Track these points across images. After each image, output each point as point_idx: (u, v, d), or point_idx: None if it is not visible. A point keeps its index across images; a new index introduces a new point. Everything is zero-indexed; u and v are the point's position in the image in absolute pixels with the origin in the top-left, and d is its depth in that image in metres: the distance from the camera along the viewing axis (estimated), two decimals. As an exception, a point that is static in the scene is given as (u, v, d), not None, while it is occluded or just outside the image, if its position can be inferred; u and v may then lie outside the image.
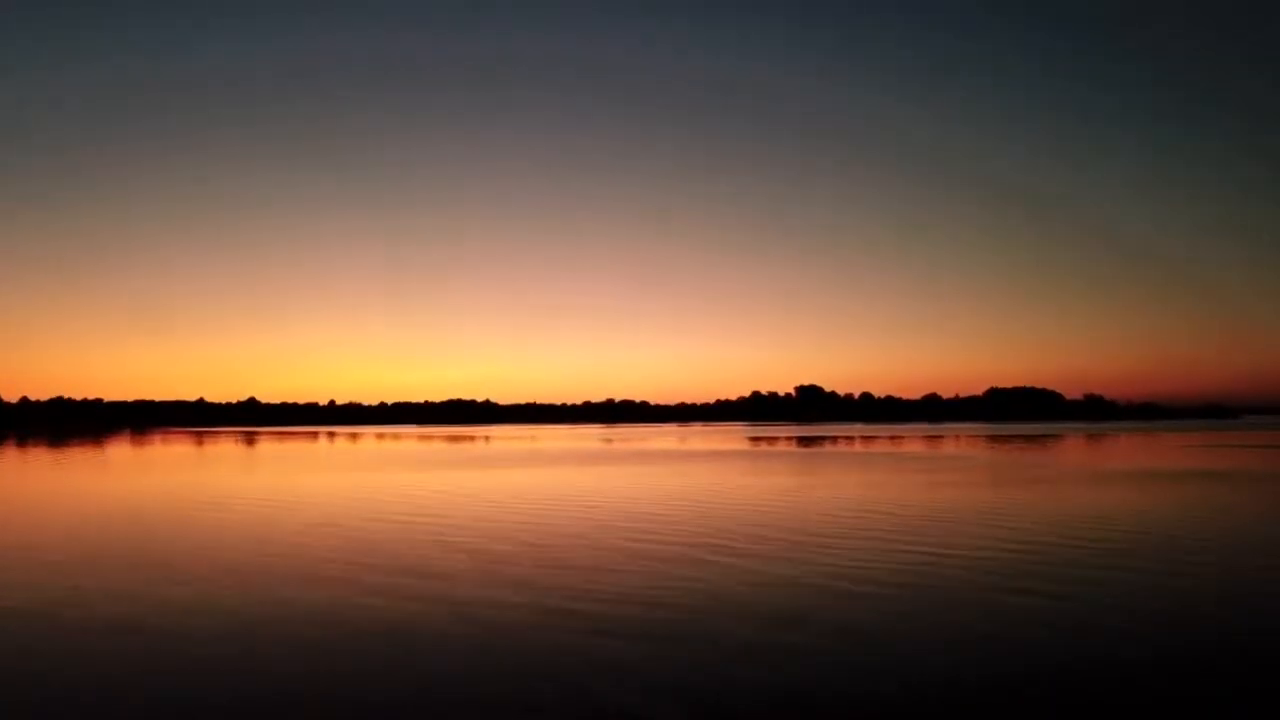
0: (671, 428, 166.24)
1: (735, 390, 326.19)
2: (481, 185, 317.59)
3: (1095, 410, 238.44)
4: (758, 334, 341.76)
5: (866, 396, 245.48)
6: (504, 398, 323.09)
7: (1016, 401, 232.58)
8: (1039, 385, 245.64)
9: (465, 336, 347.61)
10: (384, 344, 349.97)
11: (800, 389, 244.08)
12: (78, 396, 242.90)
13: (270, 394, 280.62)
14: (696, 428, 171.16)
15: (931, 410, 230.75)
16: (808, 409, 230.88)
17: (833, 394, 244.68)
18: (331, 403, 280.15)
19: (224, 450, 69.65)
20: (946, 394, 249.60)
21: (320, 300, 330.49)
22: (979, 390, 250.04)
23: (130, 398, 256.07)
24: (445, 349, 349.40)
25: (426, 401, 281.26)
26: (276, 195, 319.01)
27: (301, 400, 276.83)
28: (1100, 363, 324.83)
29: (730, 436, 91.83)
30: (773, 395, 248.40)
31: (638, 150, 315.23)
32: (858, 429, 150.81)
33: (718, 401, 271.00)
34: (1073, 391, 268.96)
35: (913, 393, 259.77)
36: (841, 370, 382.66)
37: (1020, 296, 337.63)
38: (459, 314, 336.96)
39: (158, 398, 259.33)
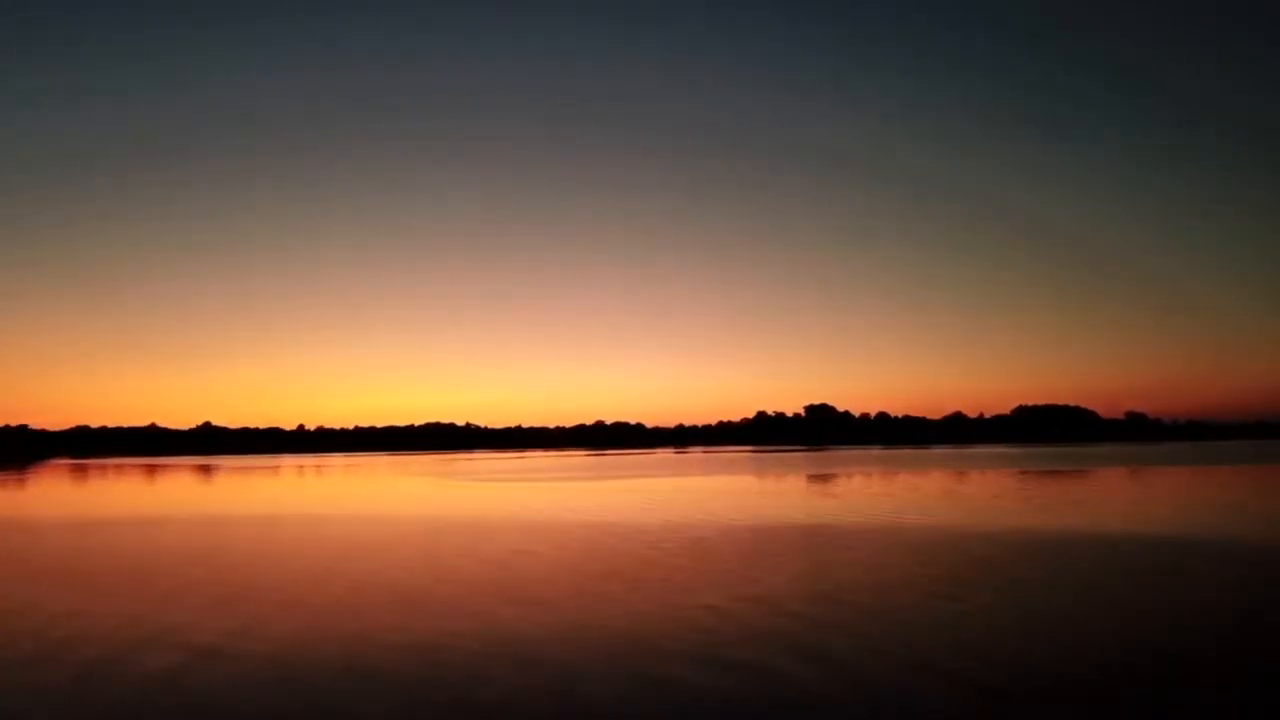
0: (667, 453, 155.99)
1: (738, 411, 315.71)
2: (465, 200, 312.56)
3: (1137, 429, 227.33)
4: (762, 349, 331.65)
5: (883, 417, 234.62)
6: (489, 421, 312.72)
7: (1048, 421, 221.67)
8: (1072, 402, 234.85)
9: (448, 358, 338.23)
10: (359, 367, 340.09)
11: (810, 408, 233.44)
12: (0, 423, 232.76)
13: (235, 419, 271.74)
14: (696, 453, 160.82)
15: (956, 431, 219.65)
16: (818, 430, 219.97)
17: (846, 414, 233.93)
18: (300, 427, 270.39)
19: (126, 493, 58.58)
20: (971, 413, 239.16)
21: (290, 322, 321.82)
22: (1006, 409, 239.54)
23: (67, 424, 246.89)
24: (428, 371, 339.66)
25: (410, 425, 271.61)
26: (243, 214, 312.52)
27: (265, 425, 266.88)
28: (1138, 377, 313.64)
29: (729, 467, 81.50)
30: (780, 415, 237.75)
31: (631, 165, 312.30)
32: (875, 453, 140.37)
33: (719, 423, 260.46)
34: (1110, 409, 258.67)
35: (934, 412, 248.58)
36: (855, 388, 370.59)
37: (1048, 306, 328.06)
38: (442, 334, 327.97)
39: (102, 423, 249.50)
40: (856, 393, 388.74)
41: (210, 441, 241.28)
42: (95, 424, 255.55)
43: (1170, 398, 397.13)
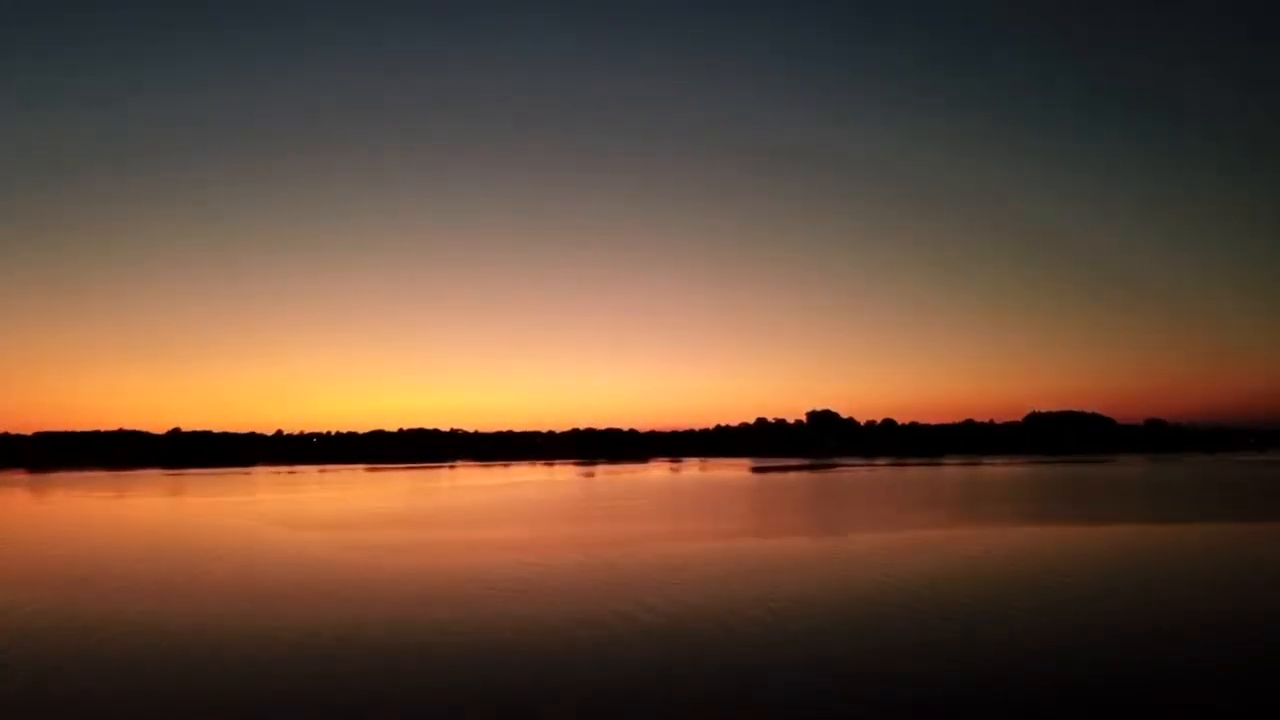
0: (661, 467, 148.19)
1: (737, 415, 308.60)
2: (458, 201, 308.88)
3: (1157, 437, 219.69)
4: (763, 353, 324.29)
5: (889, 424, 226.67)
6: (479, 424, 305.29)
7: (1064, 428, 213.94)
8: (1088, 408, 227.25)
9: (439, 359, 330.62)
10: (344, 368, 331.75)
11: (812, 415, 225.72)
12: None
13: (213, 423, 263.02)
14: (691, 466, 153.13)
15: (967, 440, 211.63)
16: (821, 438, 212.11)
17: (850, 421, 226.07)
18: (279, 433, 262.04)
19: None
20: (982, 418, 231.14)
21: (273, 323, 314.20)
22: (1019, 415, 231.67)
23: (29, 429, 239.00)
24: (418, 372, 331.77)
25: (399, 429, 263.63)
26: (220, 215, 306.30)
27: (244, 430, 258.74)
28: (1157, 381, 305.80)
29: (730, 491, 73.65)
30: (780, 422, 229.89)
31: (630, 169, 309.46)
32: (884, 472, 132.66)
33: (717, 427, 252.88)
34: (1127, 415, 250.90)
35: (943, 417, 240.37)
36: (860, 393, 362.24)
37: (1059, 309, 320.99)
38: (435, 335, 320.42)
39: (70, 427, 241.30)
40: (861, 398, 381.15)
41: (181, 448, 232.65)
42: (62, 429, 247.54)
43: (1185, 401, 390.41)
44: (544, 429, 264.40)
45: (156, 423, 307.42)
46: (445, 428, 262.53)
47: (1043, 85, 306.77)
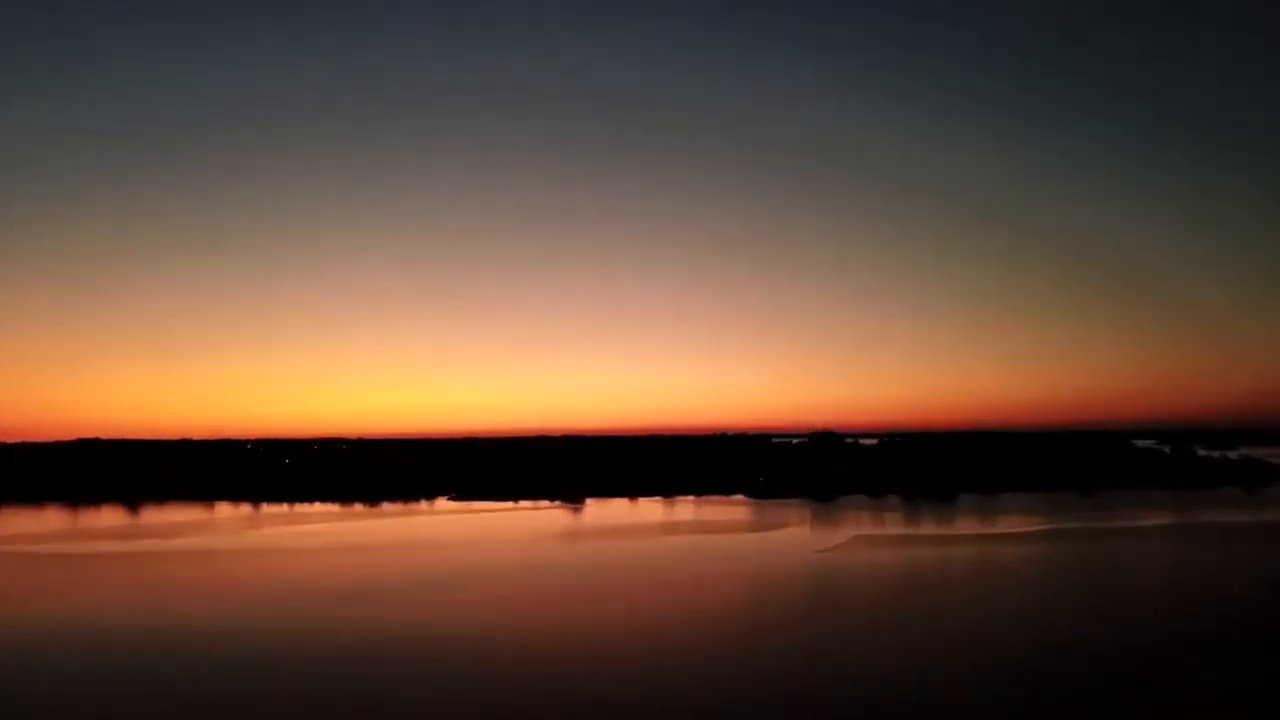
0: (653, 525, 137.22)
1: (738, 419, 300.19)
2: (451, 199, 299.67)
3: (1178, 440, 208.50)
4: (765, 353, 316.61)
5: (894, 443, 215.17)
6: (472, 427, 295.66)
7: (1078, 445, 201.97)
8: (1098, 414, 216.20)
9: (434, 358, 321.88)
10: (335, 368, 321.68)
11: (815, 436, 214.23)
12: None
13: (204, 426, 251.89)
14: (686, 510, 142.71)
15: (976, 461, 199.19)
16: (824, 465, 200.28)
17: (855, 443, 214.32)
18: (258, 444, 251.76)
19: None
20: (989, 424, 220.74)
21: (267, 325, 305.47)
22: (1029, 422, 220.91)
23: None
24: (410, 372, 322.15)
25: (388, 436, 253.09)
26: (190, 214, 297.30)
27: (226, 435, 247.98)
28: (1165, 382, 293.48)
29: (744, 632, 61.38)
30: (784, 444, 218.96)
31: (627, 169, 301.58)
32: (891, 521, 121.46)
33: (716, 434, 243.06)
34: (1139, 419, 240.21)
35: (948, 421, 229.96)
36: (862, 395, 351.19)
37: (1071, 308, 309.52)
38: (429, 333, 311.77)
39: (35, 437, 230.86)
40: (865, 399, 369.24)
41: (151, 464, 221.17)
42: (32, 437, 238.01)
43: (1194, 406, 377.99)
44: (537, 431, 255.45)
45: (141, 426, 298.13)
46: (436, 430, 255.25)
47: (1051, 88, 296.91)
